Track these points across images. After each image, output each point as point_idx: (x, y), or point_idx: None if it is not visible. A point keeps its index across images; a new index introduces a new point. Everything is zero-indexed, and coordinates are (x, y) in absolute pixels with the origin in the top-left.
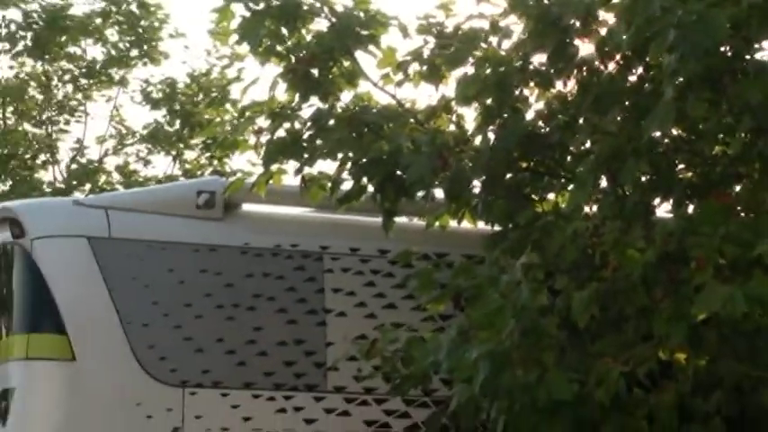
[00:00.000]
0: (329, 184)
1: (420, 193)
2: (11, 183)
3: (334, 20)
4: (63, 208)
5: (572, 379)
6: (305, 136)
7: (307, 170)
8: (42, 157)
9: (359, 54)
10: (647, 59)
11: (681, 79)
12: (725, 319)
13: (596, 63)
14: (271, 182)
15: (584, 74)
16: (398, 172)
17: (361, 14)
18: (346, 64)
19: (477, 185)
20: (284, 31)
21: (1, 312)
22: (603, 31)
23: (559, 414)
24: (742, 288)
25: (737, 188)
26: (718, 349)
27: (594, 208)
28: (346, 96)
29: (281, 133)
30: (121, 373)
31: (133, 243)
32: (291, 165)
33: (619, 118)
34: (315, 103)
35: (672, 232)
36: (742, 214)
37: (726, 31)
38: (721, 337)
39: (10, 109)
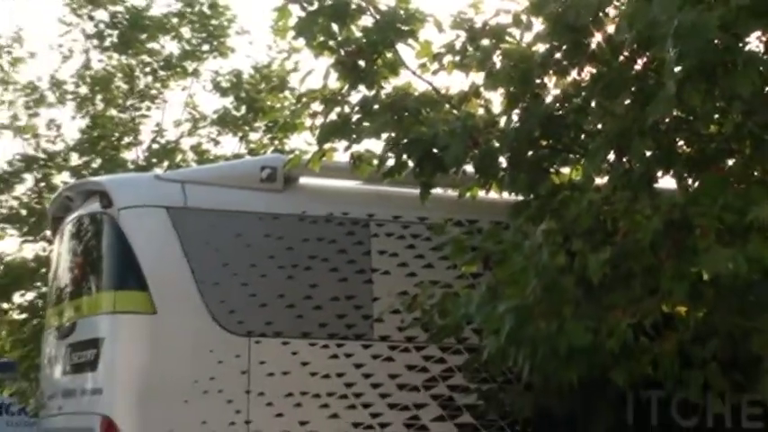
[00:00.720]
0: (375, 161)
1: (453, 169)
2: (100, 161)
3: (378, 17)
4: (145, 182)
5: (587, 329)
6: (353, 119)
7: (355, 148)
8: (127, 139)
9: (400, 47)
10: (649, 53)
11: (679, 70)
12: (722, 277)
13: (606, 56)
14: (324, 158)
15: (596, 65)
16: (435, 150)
17: (402, 12)
18: (389, 56)
19: (503, 161)
20: (335, 27)
21: (91, 272)
22: (612, 28)
23: (576, 360)
24: (742, 251)
25: (731, 162)
26: (715, 303)
27: (605, 180)
28: (389, 84)
29: (332, 116)
30: (196, 324)
31: (206, 212)
32: (342, 144)
33: (626, 102)
34: (362, 90)
35: (676, 203)
36: (735, 185)
37: (716, 32)
38: (717, 293)
39: (99, 97)
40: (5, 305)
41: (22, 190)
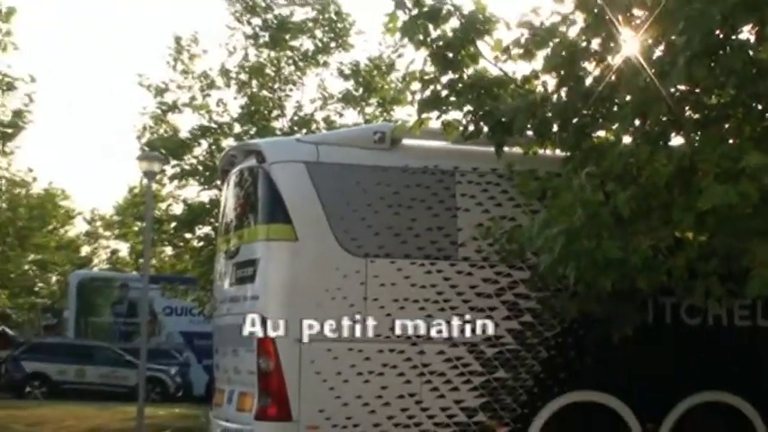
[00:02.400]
0: (459, 127)
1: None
2: (255, 129)
3: (462, 20)
4: (289, 143)
5: (618, 247)
6: (443, 95)
7: (444, 118)
8: (275, 113)
9: (479, 42)
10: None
11: (688, 53)
12: (720, 209)
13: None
14: (422, 125)
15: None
16: (504, 120)
17: (480, 16)
18: (471, 49)
19: (555, 126)
20: (431, 27)
21: (250, 210)
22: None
23: (610, 269)
24: (734, 187)
25: (727, 125)
26: (715, 230)
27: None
28: (470, 70)
29: (427, 94)
30: (327, 248)
31: (333, 165)
32: (434, 114)
33: (647, 79)
34: (449, 74)
35: (685, 154)
36: (731, 141)
37: (717, 21)
38: (717, 222)
39: (254, 82)
40: (188, 236)
41: (199, 151)
